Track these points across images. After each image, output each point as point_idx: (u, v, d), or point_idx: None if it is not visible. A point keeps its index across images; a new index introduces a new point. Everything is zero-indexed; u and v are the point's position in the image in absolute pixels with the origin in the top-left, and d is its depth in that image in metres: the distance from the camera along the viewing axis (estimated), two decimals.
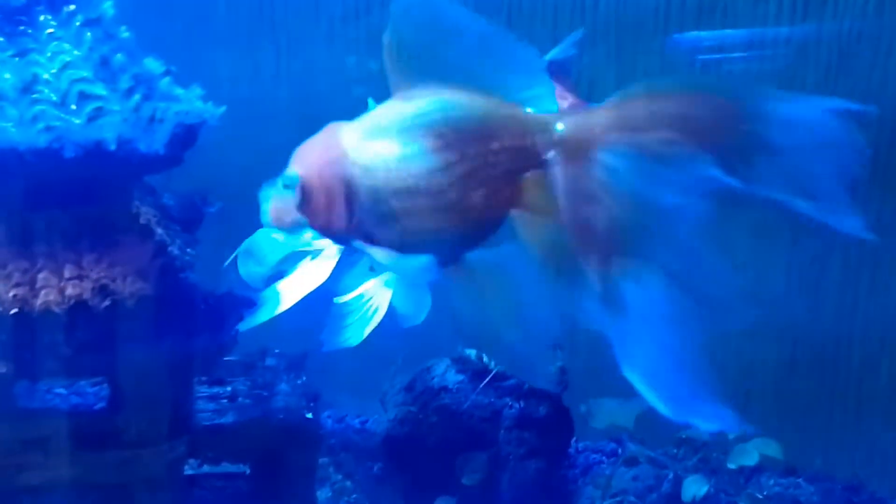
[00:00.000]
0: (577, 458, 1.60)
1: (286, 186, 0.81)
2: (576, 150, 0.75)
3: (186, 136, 1.10)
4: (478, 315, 0.84)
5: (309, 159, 0.82)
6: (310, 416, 1.26)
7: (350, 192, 0.79)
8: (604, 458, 1.53)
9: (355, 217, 0.80)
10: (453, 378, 1.46)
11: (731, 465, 1.32)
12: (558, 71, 1.22)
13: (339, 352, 1.96)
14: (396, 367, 1.52)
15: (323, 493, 1.38)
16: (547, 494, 1.39)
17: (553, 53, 1.27)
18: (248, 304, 1.19)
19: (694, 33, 1.60)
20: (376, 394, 1.56)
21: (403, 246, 0.80)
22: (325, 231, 0.84)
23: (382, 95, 0.83)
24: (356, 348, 1.92)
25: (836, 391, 1.63)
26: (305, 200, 0.80)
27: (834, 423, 1.63)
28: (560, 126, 0.76)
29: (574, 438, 1.68)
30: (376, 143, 0.79)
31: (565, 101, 1.19)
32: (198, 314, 1.14)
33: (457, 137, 0.77)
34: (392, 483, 1.41)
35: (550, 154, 0.76)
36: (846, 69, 1.56)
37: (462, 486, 1.39)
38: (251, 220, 0.89)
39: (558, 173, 0.76)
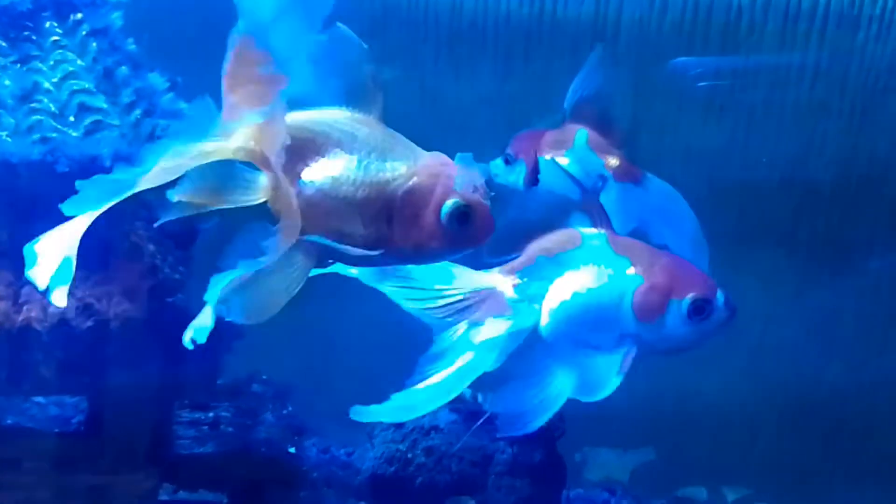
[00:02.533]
0: None
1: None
2: None
3: None
4: None
5: None
6: (292, 450, 1.22)
7: None
8: None
9: None
10: (446, 417, 1.41)
11: None
12: (589, 113, 1.12)
13: (330, 378, 1.92)
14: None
15: None
16: None
17: (576, 86, 1.13)
18: (237, 331, 1.15)
19: (696, 58, 1.57)
20: (366, 424, 1.52)
21: None
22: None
23: None
24: (348, 373, 1.89)
25: (841, 452, 1.58)
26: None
27: (836, 484, 1.58)
28: None
29: (567, 487, 1.64)
30: None
31: (610, 157, 1.11)
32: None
33: None
34: None
35: None
36: (869, 119, 1.53)
37: None
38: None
39: None
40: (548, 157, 1.14)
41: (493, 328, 0.89)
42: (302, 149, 0.74)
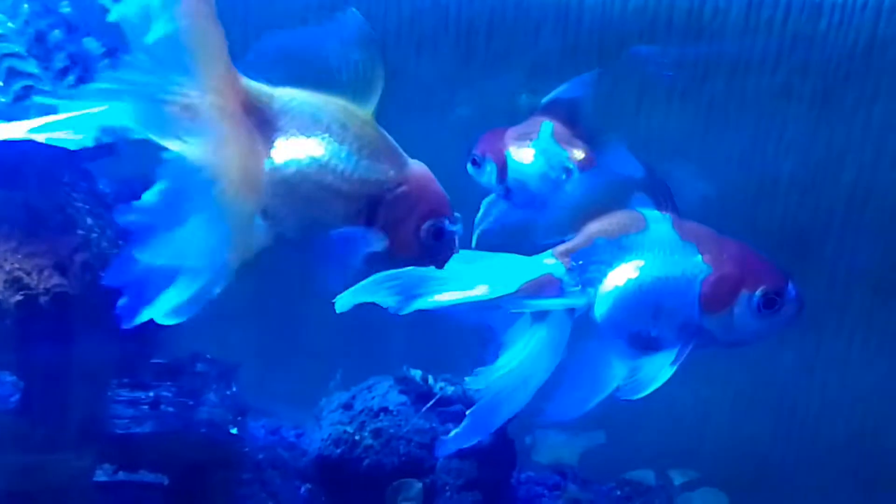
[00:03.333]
0: (519, 490, 1.53)
1: None
2: None
3: None
4: None
5: None
6: (234, 431, 1.19)
7: None
8: (546, 491, 1.47)
9: None
10: (395, 399, 1.39)
11: None
12: (565, 111, 1.11)
13: (278, 360, 1.89)
14: (335, 382, 1.45)
15: None
16: None
17: (559, 91, 1.14)
18: None
19: (656, 46, 1.55)
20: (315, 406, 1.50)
21: None
22: None
23: None
24: (301, 353, 1.86)
25: (791, 437, 1.59)
26: None
27: (787, 468, 1.59)
28: None
29: (516, 469, 1.63)
30: None
31: (575, 149, 1.08)
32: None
33: None
34: None
35: None
36: (829, 105, 1.53)
37: None
38: None
39: None
40: (514, 150, 1.13)
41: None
42: (283, 121, 0.70)
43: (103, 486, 1.17)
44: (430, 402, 1.35)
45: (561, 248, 0.88)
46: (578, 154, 1.08)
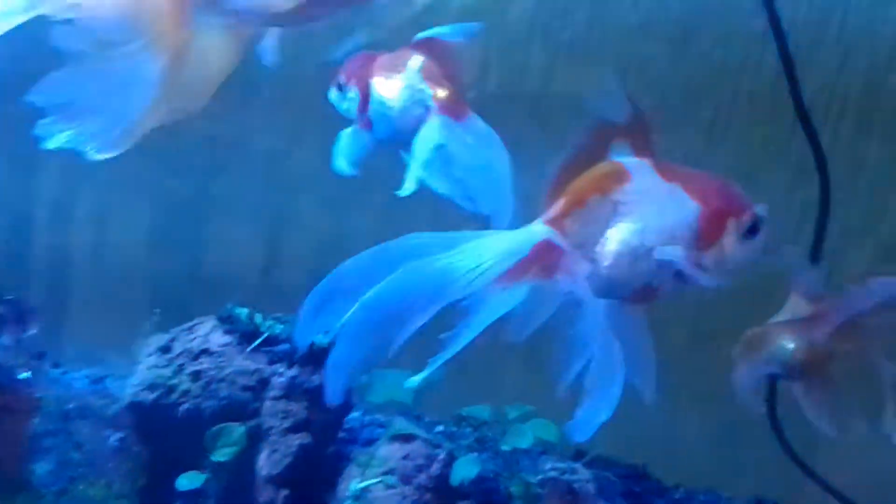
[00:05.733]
0: (361, 433, 1.48)
1: None
2: None
3: None
4: None
5: None
6: (26, 375, 1.07)
7: None
8: (377, 430, 1.42)
9: None
10: (218, 340, 1.30)
11: (505, 447, 1.26)
12: (439, 52, 1.04)
13: (97, 301, 1.77)
14: (152, 323, 1.35)
15: (43, 467, 1.19)
16: (308, 472, 1.27)
17: (439, 31, 1.05)
18: None
19: None
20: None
21: None
22: None
23: None
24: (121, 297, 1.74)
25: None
26: None
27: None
28: None
29: (361, 412, 1.58)
30: None
31: (439, 89, 1.02)
32: None
33: None
34: (132, 456, 1.24)
35: None
36: (689, 44, 1.52)
37: (215, 462, 1.24)
38: None
39: None
40: (378, 80, 1.05)
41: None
42: None
43: None
44: (257, 342, 1.27)
45: (551, 213, 0.82)
46: (441, 93, 1.01)
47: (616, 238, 0.82)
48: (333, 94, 1.09)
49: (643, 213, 0.83)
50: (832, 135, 1.49)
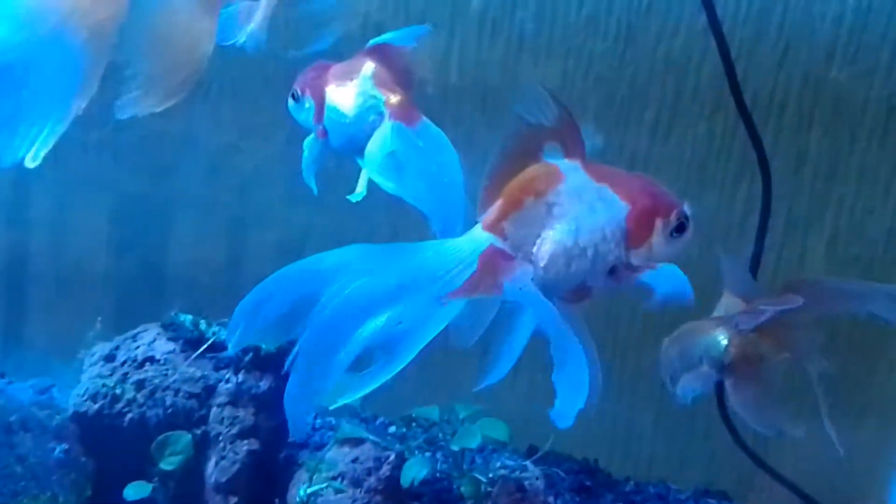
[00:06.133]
0: (312, 437, 1.48)
1: None
2: None
3: None
4: None
5: None
6: None
7: None
8: (328, 432, 1.41)
9: None
10: (163, 347, 1.29)
11: (455, 447, 1.26)
12: (390, 57, 1.05)
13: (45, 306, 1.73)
14: (95, 331, 1.33)
15: None
16: (258, 478, 1.26)
17: (389, 36, 1.07)
18: None
19: None
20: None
21: None
22: None
23: None
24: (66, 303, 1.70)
25: None
26: None
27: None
28: None
29: (315, 416, 1.57)
30: None
31: (391, 95, 1.02)
32: None
33: None
34: (77, 468, 1.22)
35: None
36: (633, 41, 1.53)
37: (162, 471, 1.23)
38: None
39: None
40: (332, 89, 1.06)
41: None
42: None
43: None
44: (202, 348, 1.26)
45: (489, 217, 0.83)
46: (393, 99, 1.02)
47: (551, 238, 0.83)
48: (291, 104, 1.09)
49: (576, 214, 0.84)
50: (775, 128, 1.52)
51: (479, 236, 0.83)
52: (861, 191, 1.50)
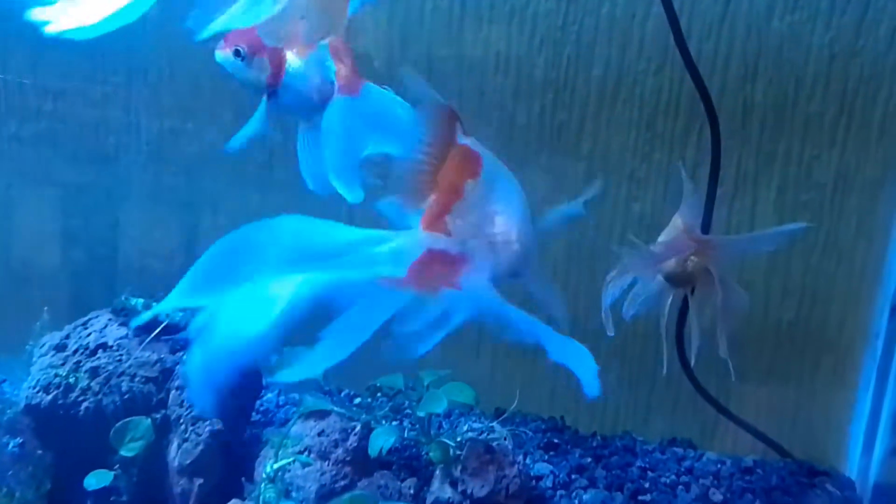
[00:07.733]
0: (276, 414, 1.46)
1: None
2: None
3: None
4: None
5: None
6: None
7: None
8: (291, 408, 1.40)
9: None
10: (115, 333, 1.25)
11: (420, 413, 1.25)
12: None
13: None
14: (42, 321, 1.29)
15: None
16: (223, 458, 1.24)
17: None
18: None
19: None
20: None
21: None
22: None
23: None
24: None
25: None
26: None
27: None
28: None
29: (276, 392, 1.55)
30: None
31: (342, 66, 1.07)
32: None
33: None
34: (33, 461, 1.18)
35: None
36: (576, 0, 1.52)
37: (123, 458, 1.20)
38: None
39: None
40: (293, 54, 1.09)
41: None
42: None
43: None
44: (156, 331, 1.23)
45: (428, 214, 0.78)
46: (343, 71, 1.06)
47: (506, 217, 0.79)
48: (228, 58, 1.08)
49: (502, 190, 0.81)
50: (721, 81, 1.53)
51: (419, 239, 0.76)
52: (807, 138, 1.53)
